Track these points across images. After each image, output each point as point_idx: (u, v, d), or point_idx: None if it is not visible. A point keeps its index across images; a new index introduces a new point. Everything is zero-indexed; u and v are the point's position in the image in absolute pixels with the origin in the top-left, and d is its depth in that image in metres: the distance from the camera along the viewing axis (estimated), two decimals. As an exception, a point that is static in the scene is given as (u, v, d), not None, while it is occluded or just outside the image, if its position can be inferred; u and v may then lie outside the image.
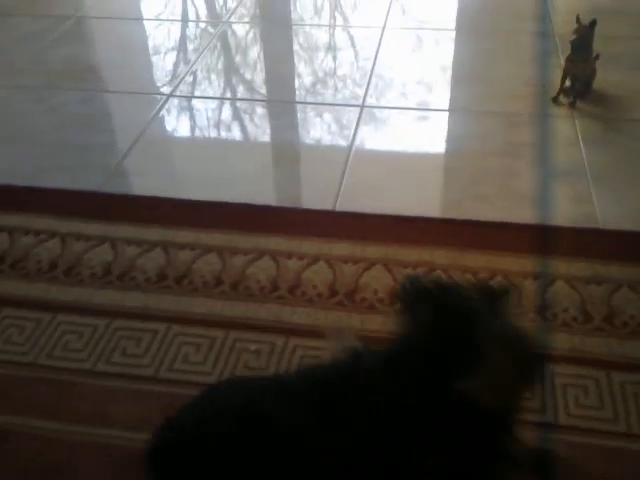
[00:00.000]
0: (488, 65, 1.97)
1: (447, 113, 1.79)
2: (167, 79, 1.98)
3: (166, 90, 1.91)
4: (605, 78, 1.80)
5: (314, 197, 1.48)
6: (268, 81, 2.01)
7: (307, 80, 1.95)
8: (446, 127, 1.75)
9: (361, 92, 1.85)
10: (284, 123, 1.78)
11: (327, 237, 1.35)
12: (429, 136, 1.71)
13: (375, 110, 1.79)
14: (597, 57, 1.75)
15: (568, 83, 1.76)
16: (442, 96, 1.86)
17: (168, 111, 1.82)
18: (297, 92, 1.93)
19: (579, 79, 1.74)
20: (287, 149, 1.71)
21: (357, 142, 1.66)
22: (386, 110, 1.79)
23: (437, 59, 2.01)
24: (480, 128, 1.69)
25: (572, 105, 1.73)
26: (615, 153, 1.57)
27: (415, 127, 1.73)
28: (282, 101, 1.90)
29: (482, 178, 1.51)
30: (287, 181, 1.59)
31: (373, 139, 1.70)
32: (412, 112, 1.77)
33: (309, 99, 1.88)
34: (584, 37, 1.68)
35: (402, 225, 1.37)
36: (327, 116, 1.79)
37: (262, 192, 1.50)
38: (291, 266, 1.29)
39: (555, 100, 1.76)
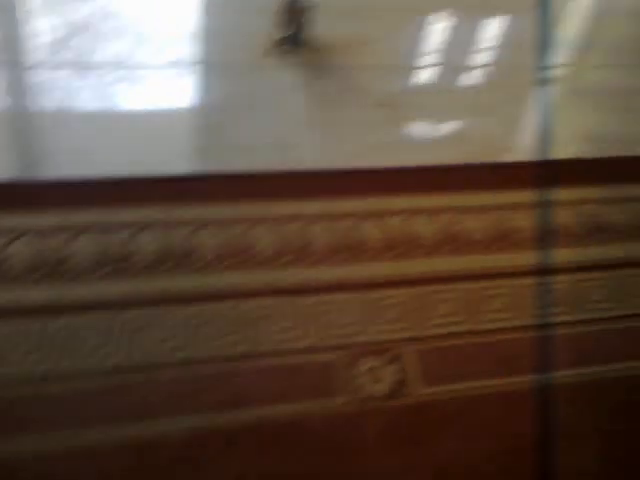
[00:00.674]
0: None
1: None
2: None
3: None
4: (321, 25, 1.91)
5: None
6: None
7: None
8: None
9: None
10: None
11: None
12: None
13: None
14: (312, 5, 1.87)
15: (285, 32, 1.88)
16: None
17: None
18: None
19: (294, 25, 1.85)
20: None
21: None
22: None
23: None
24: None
25: (288, 51, 1.83)
26: (323, 98, 1.70)
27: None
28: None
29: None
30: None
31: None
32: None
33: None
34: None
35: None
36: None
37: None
38: None
39: (274, 49, 1.86)
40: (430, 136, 1.65)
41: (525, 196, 1.46)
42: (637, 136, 1.68)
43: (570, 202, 1.47)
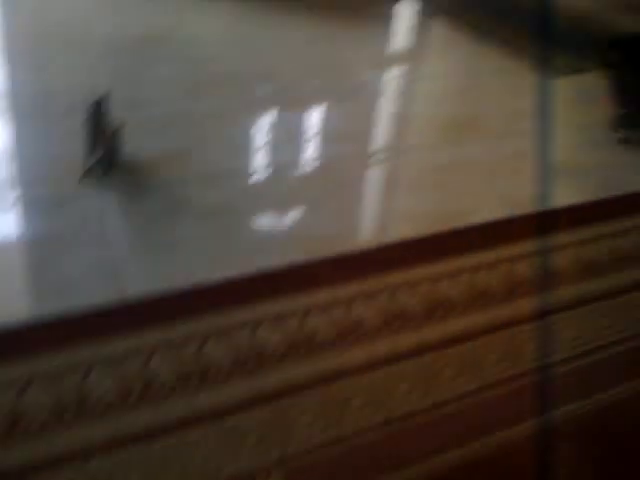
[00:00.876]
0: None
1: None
2: None
3: None
4: (134, 145, 1.88)
5: None
6: None
7: None
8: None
9: None
10: None
11: None
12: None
13: None
14: (121, 126, 1.83)
15: (95, 157, 1.81)
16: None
17: None
18: None
19: (104, 152, 1.79)
20: None
21: None
22: None
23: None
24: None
25: (102, 177, 1.77)
26: (148, 218, 1.64)
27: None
28: None
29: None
30: None
31: None
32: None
33: None
34: (96, 113, 1.73)
35: None
36: None
37: None
38: None
39: (85, 176, 1.78)
40: (264, 237, 1.63)
41: (369, 284, 1.47)
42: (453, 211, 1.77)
43: (411, 282, 1.49)
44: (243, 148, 1.99)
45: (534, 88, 2.49)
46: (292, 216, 1.73)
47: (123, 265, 1.48)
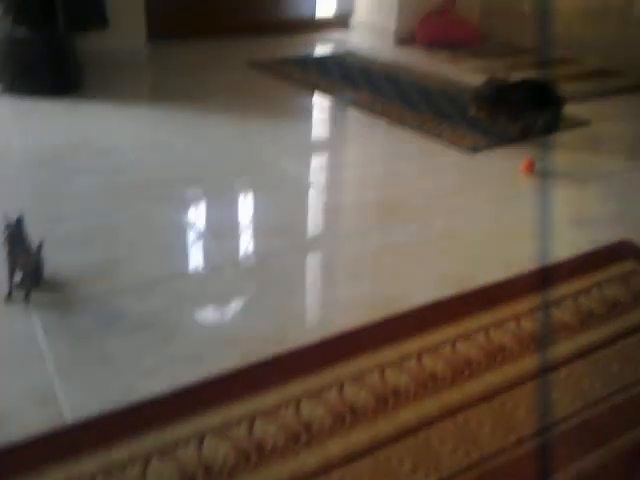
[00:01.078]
0: None
1: None
2: None
3: None
4: (56, 261, 1.82)
5: None
6: None
7: None
8: None
9: None
10: None
11: None
12: None
13: None
14: (42, 243, 1.77)
15: (18, 277, 1.73)
16: None
17: None
18: None
19: (26, 271, 1.72)
20: None
21: None
22: None
23: None
24: None
25: (27, 299, 1.70)
26: (77, 336, 1.56)
27: None
28: None
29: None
30: None
31: None
32: None
33: None
34: (15, 233, 1.66)
35: None
36: None
37: None
38: None
39: (9, 298, 1.70)
40: (201, 343, 1.57)
41: (315, 382, 1.42)
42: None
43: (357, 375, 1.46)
44: (171, 253, 1.95)
45: (451, 167, 2.59)
46: (228, 318, 1.68)
47: (56, 388, 1.39)
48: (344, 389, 1.41)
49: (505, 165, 2.63)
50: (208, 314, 1.70)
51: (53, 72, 3.17)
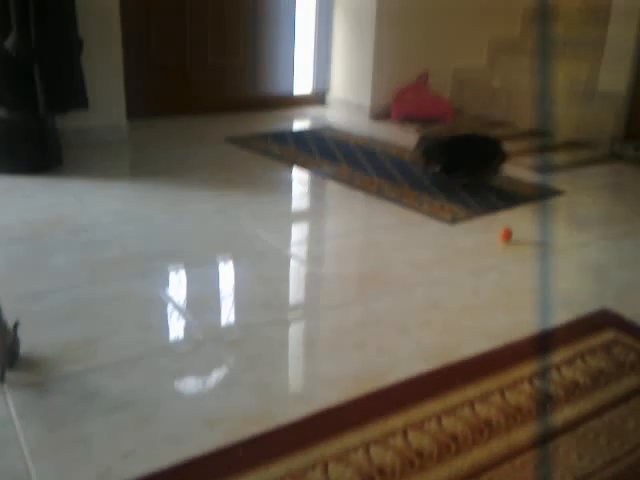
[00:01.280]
0: None
1: None
2: None
3: None
4: (32, 339, 1.78)
5: None
6: None
7: None
8: None
9: None
10: None
11: None
12: None
13: None
14: (17, 323, 1.73)
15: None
16: None
17: None
18: None
19: (1, 352, 1.68)
20: None
21: None
22: None
23: None
24: None
25: (1, 380, 1.64)
26: (53, 417, 1.51)
27: None
28: None
29: None
30: None
31: None
32: None
33: None
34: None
35: None
36: None
37: None
38: None
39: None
40: (182, 423, 1.52)
41: (298, 461, 1.38)
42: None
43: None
44: (151, 328, 1.92)
45: (432, 238, 2.62)
46: (209, 396, 1.64)
47: (31, 471, 1.34)
48: (328, 468, 1.37)
49: (484, 235, 2.67)
50: (189, 392, 1.66)
51: (33, 151, 3.19)
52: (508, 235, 2.62)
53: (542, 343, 1.87)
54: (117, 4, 3.60)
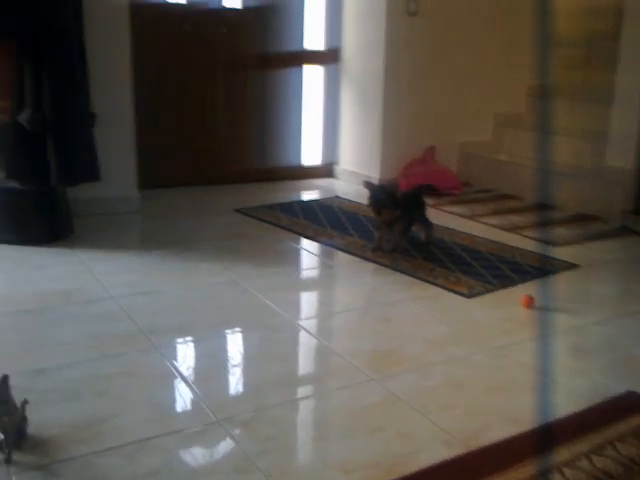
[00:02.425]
0: None
1: None
2: None
3: None
4: (40, 418, 1.72)
5: None
6: None
7: None
8: None
9: None
10: None
11: None
12: None
13: None
14: (25, 402, 1.67)
15: (1, 438, 1.62)
16: None
17: None
18: None
19: (8, 432, 1.61)
20: None
21: None
22: None
23: None
24: None
25: (8, 461, 1.57)
26: None
27: None
28: None
29: None
30: None
31: None
32: None
33: None
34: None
35: None
36: None
37: None
38: None
39: (-11, 462, 1.58)
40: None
41: None
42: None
43: None
44: (161, 407, 1.85)
45: (448, 313, 2.56)
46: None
47: None
48: None
49: (502, 310, 2.62)
50: (200, 477, 1.58)
51: (44, 221, 3.19)
52: (531, 302, 2.58)
53: (568, 429, 1.79)
54: (129, 79, 3.67)
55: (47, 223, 3.21)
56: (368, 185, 3.26)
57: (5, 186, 3.15)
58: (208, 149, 4.56)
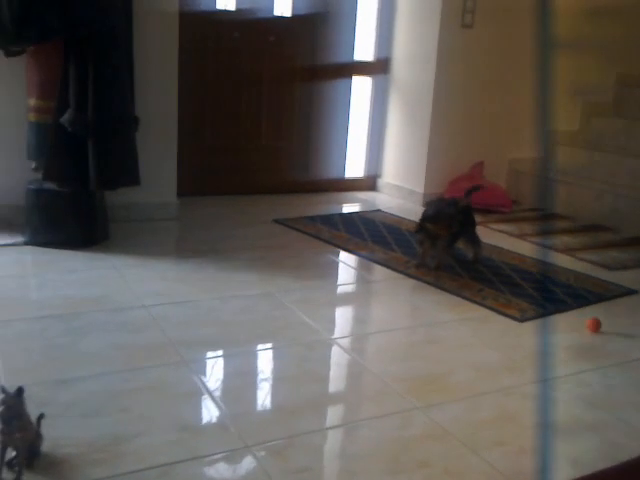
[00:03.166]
0: None
1: None
2: None
3: None
4: (56, 434, 1.59)
5: None
6: None
7: None
8: None
9: None
10: None
11: None
12: None
13: None
14: (41, 417, 1.56)
15: (12, 455, 1.50)
16: None
17: None
18: None
19: (21, 450, 1.49)
20: None
21: None
22: None
23: None
24: None
25: (22, 474, 1.46)
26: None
27: None
28: None
29: None
30: None
31: None
32: None
33: None
34: (12, 407, 1.46)
35: None
36: None
37: None
38: None
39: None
40: None
41: None
42: None
43: None
44: (185, 429, 1.70)
45: (498, 337, 2.37)
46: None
47: None
48: None
49: (557, 337, 2.42)
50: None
51: (81, 225, 3.10)
52: (597, 325, 2.40)
53: (634, 476, 1.60)
54: (175, 85, 3.59)
55: (83, 226, 3.12)
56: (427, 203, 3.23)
57: (42, 187, 3.09)
58: (250, 158, 4.45)
